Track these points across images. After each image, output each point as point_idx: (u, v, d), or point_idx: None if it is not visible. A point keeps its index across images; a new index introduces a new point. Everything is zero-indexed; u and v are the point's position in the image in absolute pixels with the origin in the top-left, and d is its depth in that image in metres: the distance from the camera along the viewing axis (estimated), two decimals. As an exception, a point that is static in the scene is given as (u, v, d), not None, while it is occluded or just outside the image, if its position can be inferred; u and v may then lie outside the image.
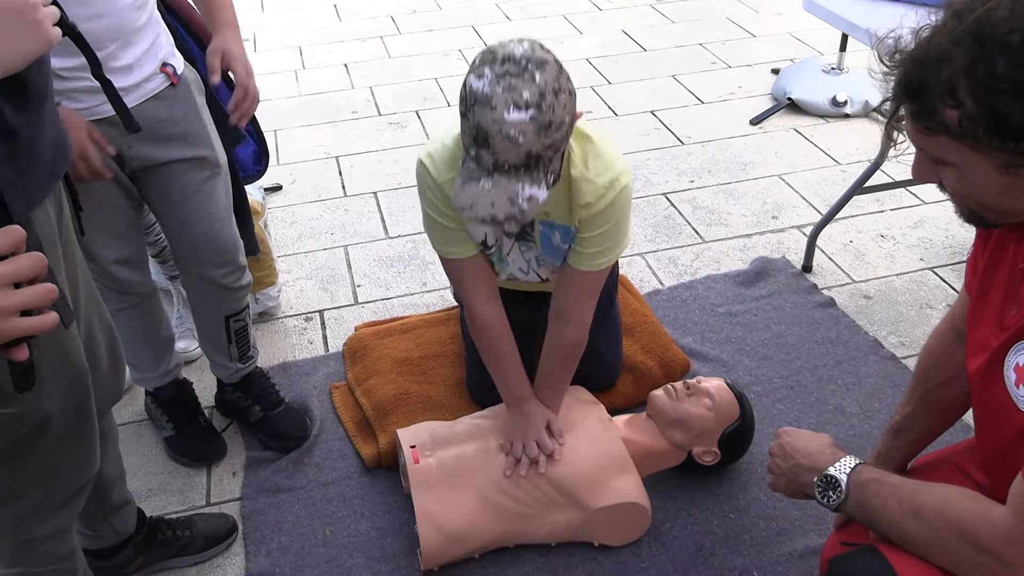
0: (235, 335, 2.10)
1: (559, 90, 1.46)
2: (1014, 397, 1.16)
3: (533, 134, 1.43)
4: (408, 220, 3.07)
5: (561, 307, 1.86)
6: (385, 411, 2.17)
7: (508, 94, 1.41)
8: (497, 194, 1.47)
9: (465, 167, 1.51)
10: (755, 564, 1.84)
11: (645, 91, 3.95)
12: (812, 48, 4.29)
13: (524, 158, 1.45)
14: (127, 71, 1.65)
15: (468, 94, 1.46)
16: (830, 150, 3.41)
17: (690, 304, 2.61)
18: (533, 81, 1.42)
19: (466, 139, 1.49)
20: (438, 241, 1.83)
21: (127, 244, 1.86)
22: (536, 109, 1.42)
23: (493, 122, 1.42)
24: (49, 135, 1.20)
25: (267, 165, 2.26)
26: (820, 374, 2.33)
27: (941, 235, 2.90)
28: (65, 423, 1.31)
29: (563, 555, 1.87)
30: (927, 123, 1.06)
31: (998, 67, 0.98)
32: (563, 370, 1.93)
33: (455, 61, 4.31)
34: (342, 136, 3.65)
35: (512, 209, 1.48)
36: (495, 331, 1.89)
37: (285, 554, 1.90)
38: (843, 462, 1.35)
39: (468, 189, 1.49)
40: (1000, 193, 1.07)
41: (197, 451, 2.14)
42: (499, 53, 1.46)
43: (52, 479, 1.35)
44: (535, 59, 1.44)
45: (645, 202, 3.14)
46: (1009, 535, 1.09)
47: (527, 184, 1.47)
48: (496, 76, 1.43)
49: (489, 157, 1.45)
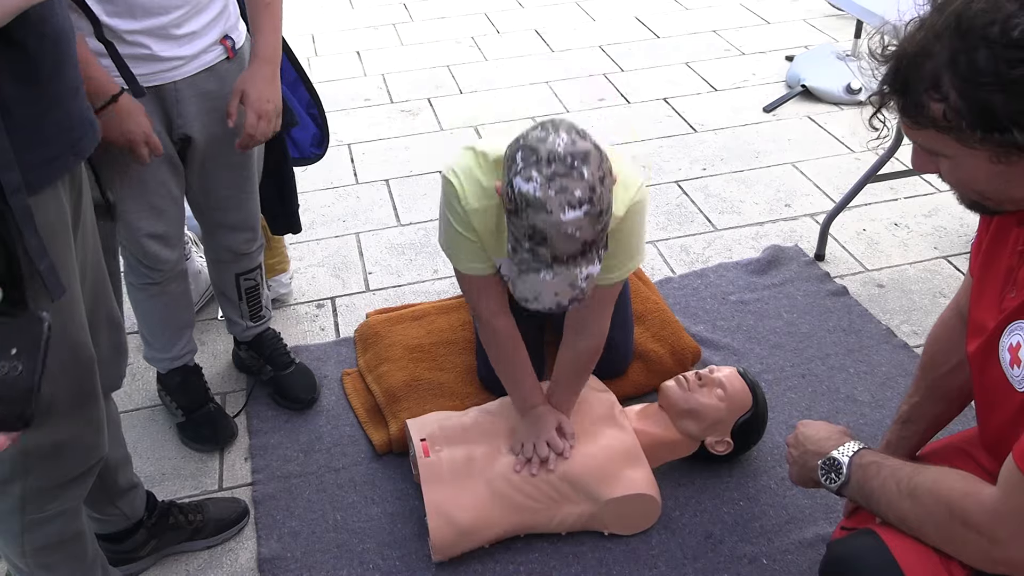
0: (246, 293, 2.17)
1: (604, 176, 1.47)
2: (1009, 377, 1.17)
3: (589, 226, 1.45)
4: (420, 208, 3.07)
5: (578, 320, 1.85)
6: (396, 397, 2.18)
7: (561, 196, 1.42)
8: (559, 283, 1.49)
9: (518, 256, 1.50)
10: (764, 552, 1.84)
11: (658, 78, 3.93)
12: (826, 35, 4.25)
13: (582, 247, 1.47)
14: (188, 40, 1.66)
15: (519, 197, 1.45)
16: (844, 138, 3.39)
17: (702, 292, 2.61)
18: (583, 178, 1.43)
19: (518, 232, 1.49)
20: (458, 256, 1.79)
21: (165, 221, 1.86)
22: (589, 204, 1.44)
23: (551, 225, 1.43)
24: (60, 115, 1.20)
25: (327, 148, 2.27)
26: (832, 363, 2.33)
27: (955, 223, 2.88)
28: (71, 404, 1.32)
29: (573, 543, 1.88)
30: (915, 117, 1.07)
31: (979, 60, 0.98)
32: (578, 377, 1.94)
33: (468, 48, 4.30)
34: (354, 123, 3.65)
35: (575, 292, 1.51)
36: (507, 342, 1.89)
37: (296, 539, 1.92)
38: (847, 446, 1.39)
39: (529, 281, 1.50)
40: (994, 182, 1.08)
41: (207, 436, 2.16)
42: (542, 152, 1.44)
43: (59, 459, 1.37)
44: (579, 153, 1.44)
45: (657, 190, 3.13)
46: (997, 513, 1.11)
47: (584, 266, 1.50)
48: (546, 179, 1.43)
49: (547, 252, 1.47)
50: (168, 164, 1.79)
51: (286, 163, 2.13)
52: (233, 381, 2.36)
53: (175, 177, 1.82)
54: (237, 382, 2.36)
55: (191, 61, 1.69)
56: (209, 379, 2.27)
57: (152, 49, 1.61)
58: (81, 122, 1.25)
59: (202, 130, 1.78)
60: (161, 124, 1.72)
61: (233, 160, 1.88)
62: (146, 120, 1.62)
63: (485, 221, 1.70)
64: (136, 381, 2.36)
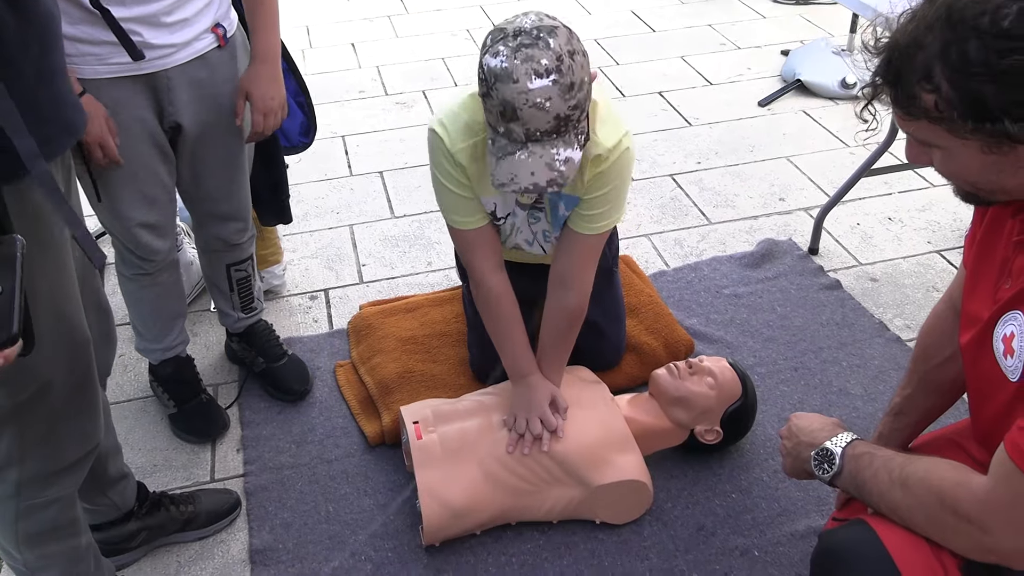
0: (237, 284, 2.16)
1: (574, 52, 1.50)
2: (1003, 367, 1.17)
3: (558, 97, 1.47)
4: (414, 200, 3.07)
5: (562, 273, 1.87)
6: (389, 389, 2.18)
7: (527, 64, 1.45)
8: (535, 163, 1.51)
9: (496, 144, 1.54)
10: (756, 544, 1.84)
11: (654, 72, 3.93)
12: (822, 29, 4.25)
13: (554, 123, 1.49)
14: (179, 27, 1.66)
15: (488, 73, 1.50)
16: (839, 132, 3.39)
17: (695, 285, 2.61)
18: (548, 48, 1.46)
19: (491, 117, 1.53)
20: (449, 210, 1.84)
21: (157, 210, 1.86)
22: (557, 73, 1.46)
23: (518, 94, 1.46)
24: (52, 94, 1.19)
25: (314, 138, 2.28)
26: (825, 356, 2.33)
27: (949, 218, 2.88)
28: (68, 389, 1.32)
29: (564, 533, 1.88)
30: (907, 108, 1.08)
31: (970, 50, 0.99)
32: (564, 339, 1.94)
33: (463, 41, 4.29)
34: (348, 115, 3.64)
35: (552, 174, 1.53)
36: (501, 300, 1.89)
37: (288, 530, 1.92)
38: (840, 437, 1.39)
39: (505, 163, 1.53)
40: (986, 172, 1.08)
41: (199, 427, 2.15)
42: (509, 29, 1.50)
43: (57, 445, 1.37)
44: (545, 27, 1.49)
45: (651, 183, 3.12)
46: (988, 502, 1.12)
47: (561, 147, 1.52)
48: (511, 50, 1.47)
49: (520, 129, 1.49)
50: (159, 153, 1.78)
51: (277, 153, 2.14)
52: (225, 372, 2.36)
53: (166, 166, 1.82)
54: (229, 373, 2.35)
55: (182, 49, 1.68)
56: (201, 370, 2.26)
57: (143, 36, 1.60)
58: (70, 102, 1.25)
59: (193, 118, 1.77)
60: (152, 112, 1.71)
61: (224, 150, 1.88)
62: (104, 124, 1.62)
63: (474, 155, 1.73)
64: (128, 372, 2.36)
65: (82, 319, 1.33)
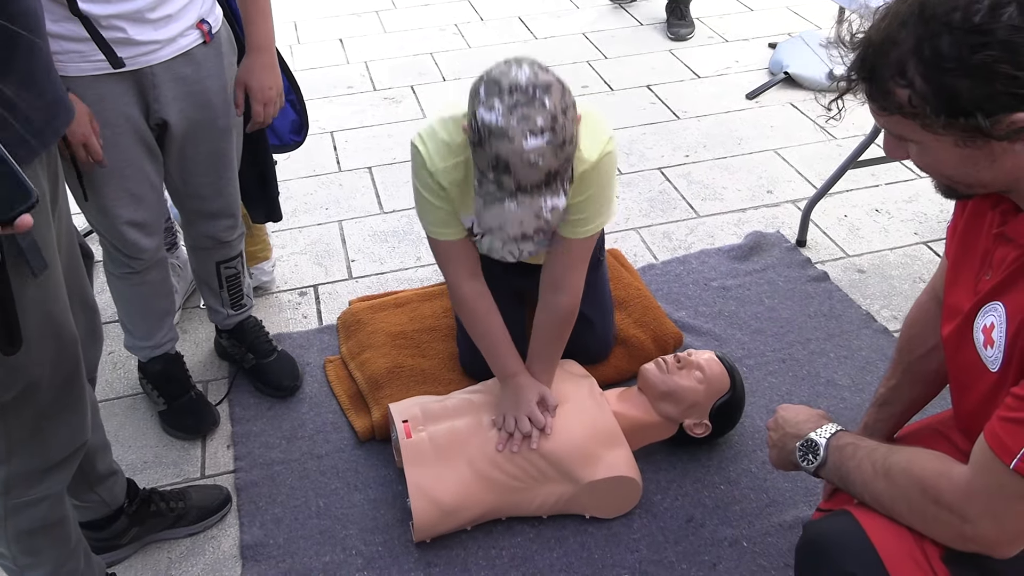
0: (226, 281, 2.17)
1: (567, 108, 1.51)
2: (983, 358, 1.18)
3: (551, 155, 1.49)
4: (402, 195, 3.07)
5: (553, 277, 1.88)
6: (379, 384, 2.18)
7: (523, 124, 1.46)
8: (523, 213, 1.53)
9: (484, 189, 1.55)
10: (744, 535, 1.86)
11: (641, 65, 3.93)
12: (809, 22, 4.26)
13: (545, 177, 1.51)
14: (163, 23, 1.66)
15: (482, 127, 1.50)
16: (826, 125, 3.40)
17: (684, 278, 2.62)
18: (544, 107, 1.47)
19: (481, 163, 1.53)
20: (428, 222, 1.85)
21: (144, 208, 1.85)
22: (551, 133, 1.48)
23: (512, 152, 1.47)
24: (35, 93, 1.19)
25: (306, 136, 2.28)
26: (812, 347, 2.34)
27: (936, 209, 2.89)
28: (55, 388, 1.32)
29: (555, 527, 1.89)
30: (881, 103, 1.09)
31: (943, 46, 1.00)
32: (556, 341, 1.94)
33: (451, 36, 4.29)
34: (337, 111, 3.64)
35: (539, 222, 1.55)
36: (479, 308, 1.91)
37: (279, 525, 1.92)
38: (825, 428, 1.40)
39: (493, 211, 1.54)
40: (961, 166, 1.09)
41: (189, 424, 2.15)
42: (504, 83, 1.49)
43: (44, 443, 1.37)
44: (540, 84, 1.49)
45: (640, 176, 3.13)
46: (968, 491, 1.13)
47: (549, 197, 1.54)
48: (507, 108, 1.47)
49: (511, 181, 1.50)
50: (146, 150, 1.78)
51: (266, 150, 2.14)
52: (215, 369, 2.36)
53: (153, 164, 1.81)
54: (219, 370, 2.35)
55: (167, 45, 1.68)
56: (191, 367, 2.26)
57: (128, 33, 1.60)
58: (55, 100, 1.25)
59: (179, 115, 1.77)
60: (138, 109, 1.71)
61: (211, 146, 1.87)
62: (87, 123, 1.62)
63: (453, 176, 1.74)
64: (117, 370, 2.36)
65: (69, 318, 1.33)
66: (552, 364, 1.96)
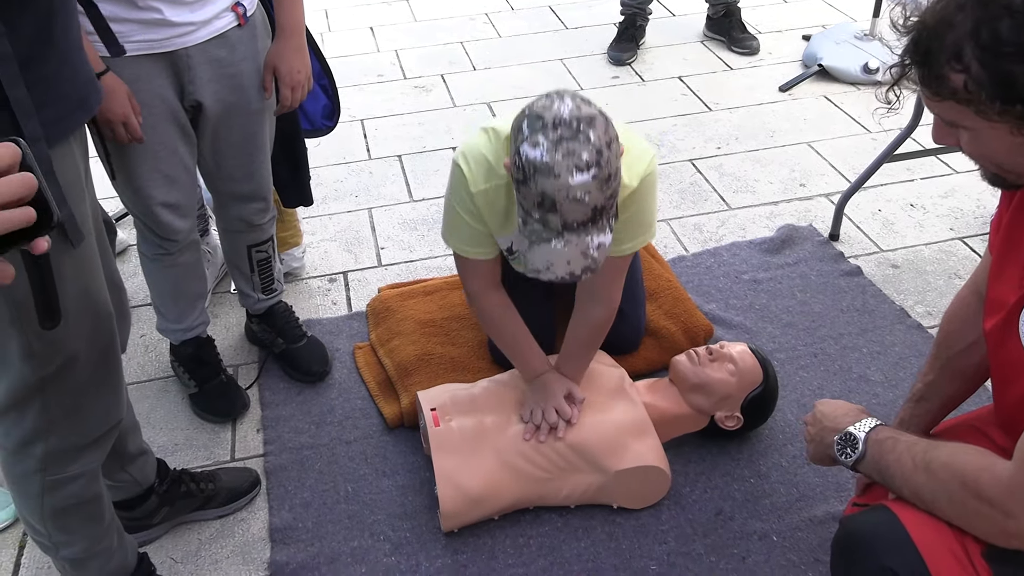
0: (257, 265, 2.18)
1: (611, 141, 1.47)
2: None
3: (597, 191, 1.45)
4: (432, 183, 3.07)
5: (591, 288, 1.86)
6: (407, 371, 2.18)
7: (569, 160, 1.43)
8: (571, 251, 1.49)
9: (529, 228, 1.51)
10: (774, 529, 1.84)
11: (673, 57, 3.90)
12: (844, 14, 4.21)
13: (591, 214, 1.47)
14: (199, 5, 1.66)
15: (527, 164, 1.46)
16: (860, 118, 3.36)
17: (715, 271, 2.60)
18: (589, 141, 1.44)
19: (526, 203, 1.49)
20: (460, 240, 1.81)
21: (177, 189, 1.86)
22: (596, 167, 1.44)
23: (558, 189, 1.43)
24: (69, 72, 1.20)
25: (337, 121, 2.28)
26: (845, 342, 2.32)
27: (972, 205, 2.85)
28: (92, 363, 1.34)
29: (582, 517, 1.88)
30: (935, 88, 1.06)
31: (1002, 30, 0.98)
32: (589, 347, 1.94)
33: (481, 25, 4.28)
34: (367, 99, 3.64)
35: (587, 261, 1.51)
36: (502, 317, 1.91)
37: (308, 509, 1.93)
38: (864, 422, 1.39)
39: (540, 251, 1.51)
40: (1014, 154, 1.07)
41: (219, 407, 2.17)
42: (547, 118, 1.45)
43: (81, 419, 1.38)
44: (584, 117, 1.45)
45: (671, 168, 3.11)
46: (1012, 486, 1.12)
47: (596, 234, 1.50)
48: (552, 144, 1.43)
49: (557, 220, 1.47)
50: (180, 132, 1.78)
51: (298, 135, 2.14)
52: (246, 353, 2.37)
53: (187, 146, 1.82)
54: (250, 354, 2.37)
55: (202, 27, 1.68)
56: (222, 351, 2.28)
57: (164, 14, 1.61)
58: (87, 79, 1.26)
59: (213, 97, 1.78)
60: (173, 90, 1.72)
61: (244, 129, 1.88)
62: (127, 102, 1.62)
63: (493, 201, 1.71)
64: (149, 352, 2.38)
65: (105, 293, 1.34)
66: (582, 367, 1.95)
